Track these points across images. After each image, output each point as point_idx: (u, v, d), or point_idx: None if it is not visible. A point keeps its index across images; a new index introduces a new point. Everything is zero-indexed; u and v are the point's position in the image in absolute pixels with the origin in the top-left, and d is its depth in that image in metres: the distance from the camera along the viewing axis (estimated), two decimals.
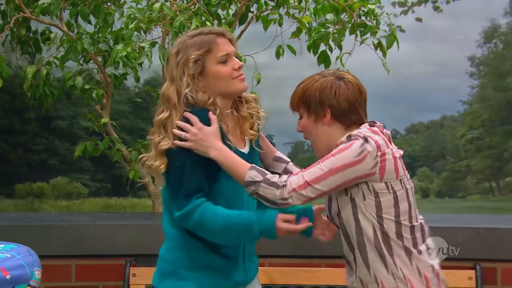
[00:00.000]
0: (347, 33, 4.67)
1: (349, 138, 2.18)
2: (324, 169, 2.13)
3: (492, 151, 44.20)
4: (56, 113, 29.11)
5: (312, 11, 4.78)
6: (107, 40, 4.56)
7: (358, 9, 4.58)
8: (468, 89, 52.80)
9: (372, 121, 2.31)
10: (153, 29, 4.44)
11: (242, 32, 4.76)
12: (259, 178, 2.16)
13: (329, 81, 2.28)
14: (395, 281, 2.18)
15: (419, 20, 10.58)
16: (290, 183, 2.13)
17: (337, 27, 4.67)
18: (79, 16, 4.55)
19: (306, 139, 2.37)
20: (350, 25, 4.66)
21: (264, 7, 4.81)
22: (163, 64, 4.16)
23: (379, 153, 2.14)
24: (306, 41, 4.77)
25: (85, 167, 30.26)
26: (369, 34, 4.64)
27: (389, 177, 2.16)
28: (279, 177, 2.17)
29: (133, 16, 4.26)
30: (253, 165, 2.21)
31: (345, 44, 4.71)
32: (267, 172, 2.19)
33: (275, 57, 4.83)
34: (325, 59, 4.72)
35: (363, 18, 4.67)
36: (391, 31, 4.57)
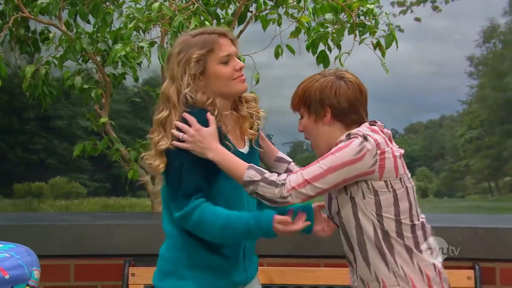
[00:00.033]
0: (346, 32, 4.67)
1: (348, 136, 2.18)
2: (323, 167, 2.13)
3: (491, 151, 44.23)
4: (55, 113, 29.11)
5: (311, 10, 4.78)
6: (106, 39, 4.55)
7: (357, 9, 4.58)
8: (467, 89, 52.84)
9: (373, 120, 2.31)
10: (152, 29, 4.44)
11: (241, 31, 4.76)
12: (258, 177, 2.16)
13: (329, 80, 2.28)
14: (396, 279, 2.18)
15: (418, 20, 10.56)
16: (289, 181, 2.14)
17: (336, 26, 4.67)
18: (78, 16, 4.55)
19: (307, 139, 2.37)
20: (349, 24, 4.66)
21: (263, 6, 4.81)
22: (162, 64, 4.17)
23: (378, 152, 2.14)
24: (305, 40, 4.77)
25: (84, 166, 30.26)
26: (368, 34, 4.64)
27: (388, 175, 2.16)
28: (278, 176, 2.17)
29: (132, 16, 4.26)
30: (251, 164, 2.20)
31: (344, 44, 4.71)
32: (265, 171, 2.19)
33: (274, 56, 4.83)
34: (324, 59, 4.72)
35: (362, 18, 4.67)
36: (390, 31, 4.57)
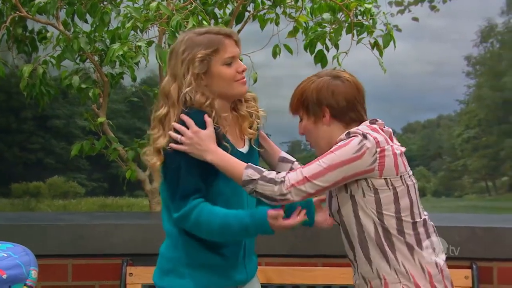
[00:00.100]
0: (343, 32, 4.67)
1: (348, 135, 2.19)
2: (323, 165, 2.13)
3: (488, 150, 44.30)
4: (52, 112, 29.10)
5: (309, 10, 4.77)
6: (103, 39, 4.55)
7: (354, 9, 4.58)
8: (464, 88, 53.01)
9: (373, 119, 2.31)
10: (150, 28, 4.44)
11: (239, 31, 4.76)
12: (256, 176, 2.16)
13: (325, 81, 2.29)
14: (397, 276, 2.18)
15: (415, 19, 10.56)
16: (288, 178, 2.14)
17: (333, 26, 4.67)
18: (76, 15, 4.55)
19: (308, 141, 2.37)
20: (346, 24, 4.66)
21: (261, 6, 4.81)
22: (159, 64, 4.17)
23: (378, 150, 2.14)
24: (303, 40, 4.77)
25: (82, 166, 30.26)
26: (365, 33, 4.64)
27: (388, 173, 2.16)
28: (277, 174, 2.17)
29: (129, 15, 4.26)
30: (249, 164, 2.20)
31: (341, 43, 4.71)
32: (263, 170, 2.20)
33: (272, 56, 4.83)
34: (321, 59, 4.72)
35: (359, 17, 4.67)
36: (388, 31, 4.57)
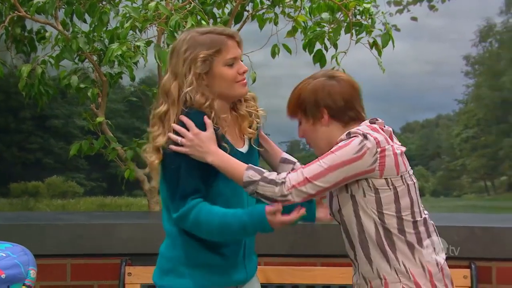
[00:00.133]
0: (342, 32, 4.68)
1: (348, 135, 2.19)
2: (323, 166, 2.13)
3: (487, 150, 44.32)
4: (51, 112, 29.08)
5: (308, 10, 4.78)
6: (102, 39, 4.55)
7: (353, 8, 4.59)
8: (463, 88, 53.09)
9: (374, 118, 2.31)
10: (149, 28, 4.44)
11: (238, 31, 4.75)
12: (257, 177, 2.16)
13: (321, 82, 2.29)
14: (397, 276, 2.19)
15: (414, 19, 10.58)
16: (289, 179, 2.14)
17: (332, 26, 4.68)
18: (74, 15, 4.55)
19: (308, 143, 2.37)
20: (345, 24, 4.67)
21: (260, 6, 4.82)
22: (158, 63, 4.17)
23: (378, 150, 2.14)
24: (302, 40, 4.77)
25: (81, 166, 30.23)
26: (364, 33, 4.65)
27: (389, 173, 2.16)
28: (278, 175, 2.17)
29: (128, 15, 4.26)
30: (250, 165, 2.20)
31: (340, 43, 4.72)
32: (264, 170, 2.19)
33: (271, 56, 4.84)
34: (320, 58, 4.72)
35: (358, 17, 4.68)
36: (387, 30, 4.58)
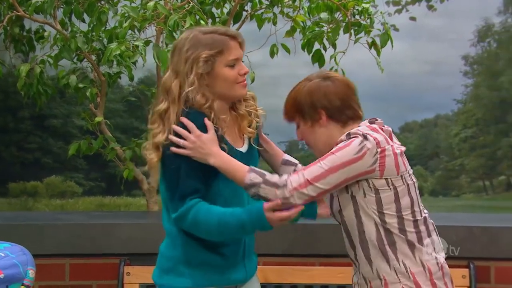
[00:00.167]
0: (341, 32, 4.68)
1: (348, 136, 2.19)
2: (324, 167, 2.14)
3: (485, 150, 44.35)
4: (50, 112, 29.07)
5: (306, 10, 4.78)
6: (101, 38, 4.55)
7: (352, 8, 4.59)
8: (462, 88, 53.15)
9: (373, 118, 2.32)
10: (147, 28, 4.44)
11: (236, 30, 4.76)
12: (259, 179, 2.16)
13: (316, 83, 2.30)
14: (397, 276, 2.19)
15: (413, 19, 10.57)
16: (290, 182, 2.14)
17: (331, 26, 4.68)
18: (73, 15, 4.55)
19: (308, 145, 2.37)
20: (344, 24, 4.67)
21: (258, 5, 4.82)
22: (157, 63, 4.17)
23: (378, 150, 2.14)
24: (300, 40, 4.77)
25: (79, 166, 30.20)
26: (363, 33, 4.65)
27: (389, 173, 2.16)
28: (280, 177, 2.17)
29: (127, 15, 4.26)
30: (252, 167, 2.20)
31: (339, 43, 4.72)
32: (266, 173, 2.19)
33: (269, 55, 4.83)
34: (319, 58, 4.72)
35: (357, 17, 4.68)
36: (385, 30, 4.58)
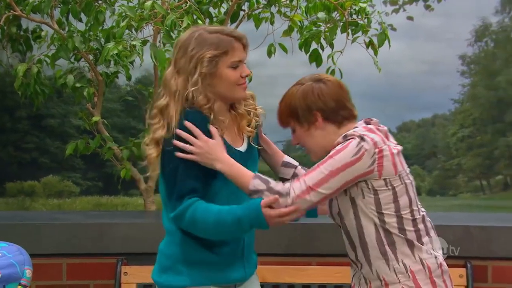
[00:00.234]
0: (338, 31, 4.68)
1: (345, 138, 2.19)
2: (324, 172, 2.14)
3: (483, 149, 44.43)
4: (47, 112, 29.03)
5: (304, 9, 4.79)
6: (98, 38, 4.55)
7: (349, 8, 4.60)
8: (459, 87, 53.19)
9: (368, 118, 2.32)
10: (145, 27, 4.44)
11: None
12: (263, 186, 2.17)
13: (309, 86, 2.30)
14: (397, 277, 2.20)
15: (410, 18, 10.59)
16: (293, 190, 2.14)
17: (328, 25, 4.68)
18: (70, 14, 4.54)
19: (304, 147, 2.37)
20: (341, 23, 4.67)
21: (256, 5, 4.82)
22: (154, 63, 4.17)
23: (376, 150, 2.15)
24: (298, 39, 4.78)
25: (76, 165, 30.21)
26: (360, 32, 4.66)
27: (387, 173, 2.17)
28: (283, 185, 2.17)
29: (124, 14, 4.26)
30: (257, 174, 2.21)
31: (336, 42, 4.72)
32: (270, 180, 2.19)
33: (267, 55, 4.84)
34: (316, 58, 4.73)
35: (354, 16, 4.68)
36: (383, 30, 4.59)
